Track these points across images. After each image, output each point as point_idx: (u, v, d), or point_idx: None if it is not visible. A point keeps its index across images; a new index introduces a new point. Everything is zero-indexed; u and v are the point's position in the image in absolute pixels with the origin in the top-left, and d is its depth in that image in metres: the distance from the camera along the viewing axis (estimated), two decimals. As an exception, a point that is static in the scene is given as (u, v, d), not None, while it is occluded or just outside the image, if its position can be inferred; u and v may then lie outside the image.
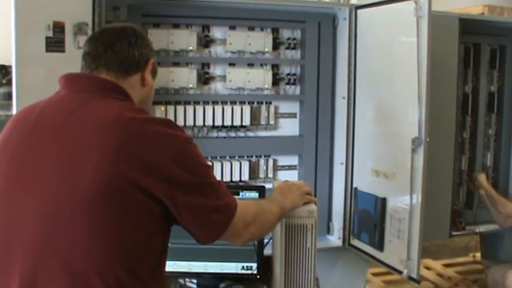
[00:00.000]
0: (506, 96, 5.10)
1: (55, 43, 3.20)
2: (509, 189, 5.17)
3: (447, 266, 5.70)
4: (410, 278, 3.70)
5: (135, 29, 2.09)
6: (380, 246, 3.95)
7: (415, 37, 3.54)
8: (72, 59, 3.18)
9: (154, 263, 1.87)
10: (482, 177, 4.83)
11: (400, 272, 3.76)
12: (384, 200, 3.89)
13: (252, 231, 2.09)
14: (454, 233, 4.79)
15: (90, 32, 3.35)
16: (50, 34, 3.18)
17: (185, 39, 3.96)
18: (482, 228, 5.04)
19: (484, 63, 5.02)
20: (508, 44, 5.07)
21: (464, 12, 7.01)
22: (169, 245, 1.95)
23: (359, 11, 4.12)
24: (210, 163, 3.90)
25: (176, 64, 3.98)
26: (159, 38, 3.85)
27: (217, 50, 4.12)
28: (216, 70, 4.11)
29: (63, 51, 3.24)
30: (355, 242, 4.21)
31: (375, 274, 5.17)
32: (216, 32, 4.11)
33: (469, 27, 4.62)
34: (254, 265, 2.95)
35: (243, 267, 2.96)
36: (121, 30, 2.04)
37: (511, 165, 5.17)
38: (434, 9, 3.53)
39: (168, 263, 2.00)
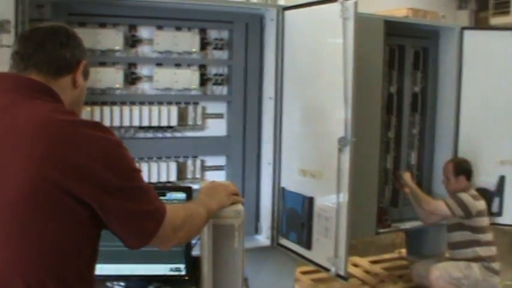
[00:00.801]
0: (429, 97, 5.25)
1: (-24, 41, 3.11)
2: (433, 187, 5.31)
3: (374, 262, 5.81)
4: (338, 276, 3.75)
5: (67, 29, 2.03)
6: (308, 245, 3.99)
7: (341, 38, 3.59)
8: (-7, 56, 3.10)
9: (84, 269, 1.83)
10: (407, 176, 4.95)
11: (328, 270, 3.81)
12: (311, 199, 3.94)
13: (180, 236, 2.07)
14: (380, 230, 4.90)
15: (13, 30, 3.26)
16: (-29, 32, 3.09)
17: (112, 38, 3.90)
18: (407, 225, 5.18)
19: (408, 65, 5.16)
20: (431, 46, 5.22)
21: (389, 14, 7.13)
22: (97, 247, 1.92)
23: (286, 12, 4.14)
24: (137, 164, 3.86)
25: (102, 64, 3.91)
26: (85, 38, 3.65)
27: (144, 50, 4.07)
28: (143, 70, 4.06)
29: (-16, 49, 3.15)
30: (284, 241, 4.24)
31: (303, 272, 5.22)
32: (143, 32, 4.06)
33: (393, 29, 4.73)
34: (182, 266, 2.93)
35: (171, 269, 2.93)
36: (52, 30, 1.98)
37: (434, 163, 5.31)
38: (360, 11, 3.59)
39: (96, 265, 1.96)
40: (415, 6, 10.14)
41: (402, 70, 5.11)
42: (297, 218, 4.06)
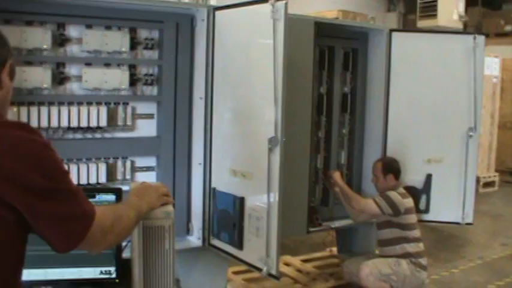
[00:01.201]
0: (359, 97, 5.34)
1: None
2: (363, 186, 5.41)
3: (305, 261, 5.87)
4: (270, 275, 3.77)
5: None
6: (239, 245, 4.00)
7: (271, 39, 3.61)
8: None
9: (10, 274, 1.79)
10: (336, 175, 5.01)
11: (259, 270, 3.82)
12: (242, 200, 3.95)
13: (110, 239, 2.04)
14: (311, 229, 4.94)
15: None
16: None
17: (39, 37, 3.80)
18: (337, 224, 5.25)
19: (338, 65, 5.23)
20: (360, 47, 5.32)
21: (320, 16, 7.23)
22: (23, 252, 1.88)
23: (217, 12, 4.14)
24: (66, 166, 3.80)
25: (29, 63, 3.82)
26: (10, 36, 3.57)
27: (72, 49, 4.00)
28: (71, 70, 3.99)
29: None
30: (215, 242, 4.24)
31: (235, 272, 5.23)
32: (72, 31, 3.98)
33: (324, 30, 4.80)
34: (113, 269, 2.89)
35: (101, 272, 2.89)
36: None
37: (363, 162, 5.41)
38: (290, 12, 3.62)
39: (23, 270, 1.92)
40: (345, 8, 10.35)
41: (332, 71, 5.18)
42: (228, 218, 4.06)
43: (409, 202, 4.80)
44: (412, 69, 5.24)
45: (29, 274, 2.72)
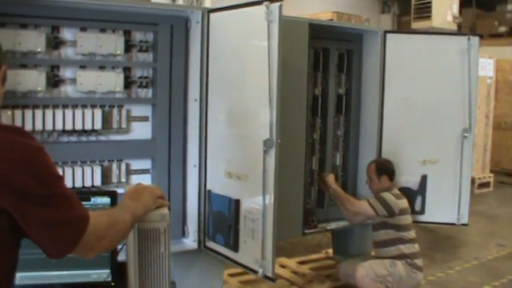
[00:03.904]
0: (353, 98, 5.34)
1: None
2: (358, 187, 5.40)
3: (301, 263, 5.86)
4: (266, 277, 3.77)
5: None
6: (235, 247, 4.00)
7: (266, 41, 3.62)
8: None
9: (3, 278, 1.78)
10: (330, 178, 5.02)
11: (255, 272, 3.82)
12: (237, 202, 3.95)
13: (104, 244, 2.03)
14: (307, 231, 4.95)
15: None
16: None
17: (33, 40, 3.80)
18: (333, 225, 5.25)
19: (333, 67, 5.24)
20: (355, 49, 5.32)
21: (315, 18, 7.23)
22: (17, 256, 1.87)
23: (212, 15, 4.14)
24: (61, 169, 3.80)
25: (24, 66, 3.81)
26: (5, 39, 3.65)
27: (67, 51, 3.99)
28: (66, 73, 3.99)
29: None
30: (211, 244, 4.24)
31: (231, 275, 5.22)
32: (66, 33, 3.98)
33: (318, 32, 4.80)
34: (108, 272, 2.89)
35: (96, 275, 2.89)
36: None
37: (358, 164, 5.41)
38: (285, 14, 3.62)
39: (17, 275, 1.91)
40: (340, 10, 10.37)
41: (327, 72, 5.18)
42: (223, 220, 4.06)
43: (403, 203, 4.80)
44: (406, 71, 5.25)
45: (24, 278, 2.72)
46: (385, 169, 4.92)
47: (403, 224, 4.78)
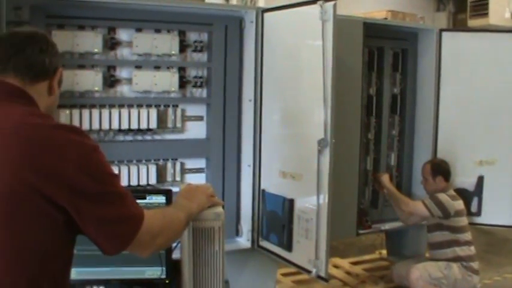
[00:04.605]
0: (408, 98, 5.27)
1: (-51, 44, 3.07)
2: (413, 188, 5.33)
3: (355, 263, 5.82)
4: (319, 277, 3.76)
5: (46, 36, 2.02)
6: (288, 247, 3.99)
7: (320, 40, 3.60)
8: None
9: (59, 273, 1.82)
10: (384, 178, 4.97)
11: (309, 272, 3.81)
12: (291, 201, 3.94)
13: (159, 243, 2.04)
14: (360, 231, 4.91)
15: (-11, 33, 3.23)
16: None
17: (90, 41, 3.87)
18: (387, 226, 5.19)
19: (388, 66, 5.18)
20: (410, 48, 5.25)
21: (369, 16, 7.17)
22: (75, 251, 1.90)
23: (266, 14, 4.14)
24: (116, 168, 3.85)
25: (81, 67, 3.88)
26: (63, 40, 3.74)
27: (123, 52, 4.05)
28: (122, 73, 4.04)
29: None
30: (264, 243, 4.24)
31: (284, 274, 5.22)
32: (122, 34, 4.03)
33: (373, 31, 4.75)
34: (163, 269, 2.91)
35: (151, 272, 2.92)
36: (32, 35, 1.97)
37: (413, 164, 5.34)
38: (339, 13, 3.60)
39: (74, 270, 1.94)
40: (394, 8, 10.23)
41: (381, 72, 5.13)
42: (277, 220, 4.06)
43: (459, 204, 4.73)
44: (463, 69, 5.14)
45: (81, 273, 2.77)
46: (440, 170, 4.85)
47: (458, 226, 4.71)
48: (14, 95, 1.84)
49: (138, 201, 2.01)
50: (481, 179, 5.24)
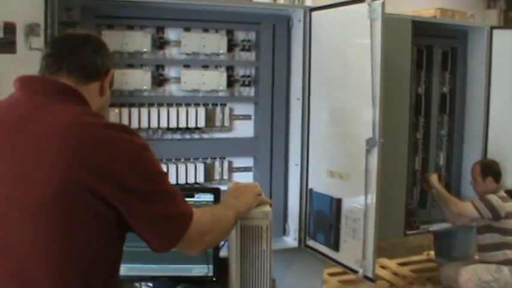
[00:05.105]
0: (458, 97, 5.19)
1: (6, 44, 3.14)
2: (462, 189, 5.25)
3: (402, 264, 5.78)
4: (366, 277, 3.73)
5: (99, 38, 2.08)
6: (335, 247, 3.98)
7: (368, 39, 3.57)
8: (23, 60, 3.14)
9: (109, 270, 1.84)
10: (433, 178, 4.91)
11: (355, 272, 3.79)
12: (339, 201, 3.92)
13: (207, 241, 2.06)
14: (408, 232, 4.85)
15: (42, 33, 3.30)
16: (1, 35, 3.13)
17: (139, 40, 3.92)
18: (435, 227, 5.12)
19: (437, 65, 5.11)
20: (459, 46, 5.17)
21: (417, 14, 7.09)
22: (124, 248, 1.92)
23: (313, 13, 4.13)
24: (165, 166, 3.89)
25: (130, 66, 3.93)
26: (113, 40, 3.78)
27: (171, 51, 4.09)
28: (170, 72, 4.08)
29: (14, 52, 3.18)
30: (311, 243, 4.23)
31: (331, 274, 5.21)
32: (171, 34, 4.07)
33: (421, 29, 4.69)
34: (210, 267, 2.93)
35: (198, 270, 2.94)
36: (86, 37, 2.02)
37: (463, 164, 5.26)
38: (387, 11, 3.56)
39: (122, 266, 1.97)
40: (443, 6, 10.09)
41: (430, 70, 5.06)
42: (324, 219, 4.05)
43: (510, 206, 4.64)
44: (515, 68, 5.05)
45: (130, 269, 2.81)
46: (490, 170, 4.77)
47: (509, 228, 4.62)
48: (67, 95, 1.87)
49: (187, 199, 2.02)
50: (534, 180, 5.14)
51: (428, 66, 5.05)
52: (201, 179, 4.11)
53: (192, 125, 4.08)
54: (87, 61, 1.95)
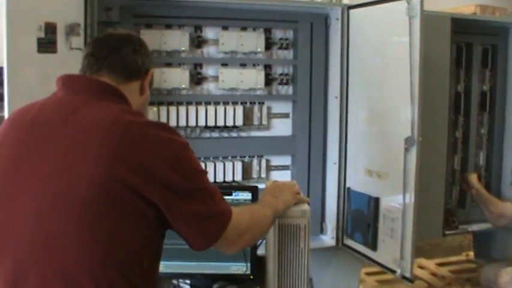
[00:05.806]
0: (498, 96, 5.10)
1: (47, 44, 3.19)
2: (502, 188, 5.18)
3: (440, 265, 5.71)
4: (404, 277, 3.71)
5: (139, 38, 2.13)
6: (373, 246, 3.95)
7: (407, 37, 3.55)
8: (64, 59, 3.19)
9: (148, 267, 1.87)
10: (473, 177, 4.84)
11: (393, 272, 3.76)
12: (377, 200, 3.90)
13: (245, 239, 2.08)
14: (447, 232, 4.79)
15: (82, 33, 3.35)
16: (42, 35, 3.17)
17: (177, 39, 3.95)
18: (475, 227, 5.04)
19: (476, 63, 5.02)
20: (500, 43, 5.08)
21: (456, 11, 7.02)
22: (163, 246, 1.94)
23: (351, 11, 4.12)
24: (203, 164, 3.91)
25: (168, 65, 3.96)
26: (151, 39, 3.81)
27: (209, 50, 4.10)
28: (208, 70, 4.10)
29: (55, 51, 3.23)
30: (349, 242, 4.22)
31: (368, 273, 5.17)
32: (209, 33, 4.09)
33: (461, 26, 4.62)
34: (247, 265, 2.94)
35: (236, 268, 2.96)
36: (127, 37, 2.06)
37: (503, 164, 5.17)
38: (426, 8, 3.53)
39: (161, 263, 1.99)
40: (483, 2, 9.96)
41: (470, 68, 4.98)
42: (362, 218, 4.03)
43: (551, 207, 4.57)
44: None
45: (168, 267, 2.84)
46: (531, 170, 4.71)
47: (551, 229, 4.55)
48: (108, 93, 1.90)
49: (225, 197, 2.04)
50: None
51: (467, 64, 4.97)
52: (239, 177, 4.12)
53: (230, 123, 4.09)
54: (128, 60, 1.98)
